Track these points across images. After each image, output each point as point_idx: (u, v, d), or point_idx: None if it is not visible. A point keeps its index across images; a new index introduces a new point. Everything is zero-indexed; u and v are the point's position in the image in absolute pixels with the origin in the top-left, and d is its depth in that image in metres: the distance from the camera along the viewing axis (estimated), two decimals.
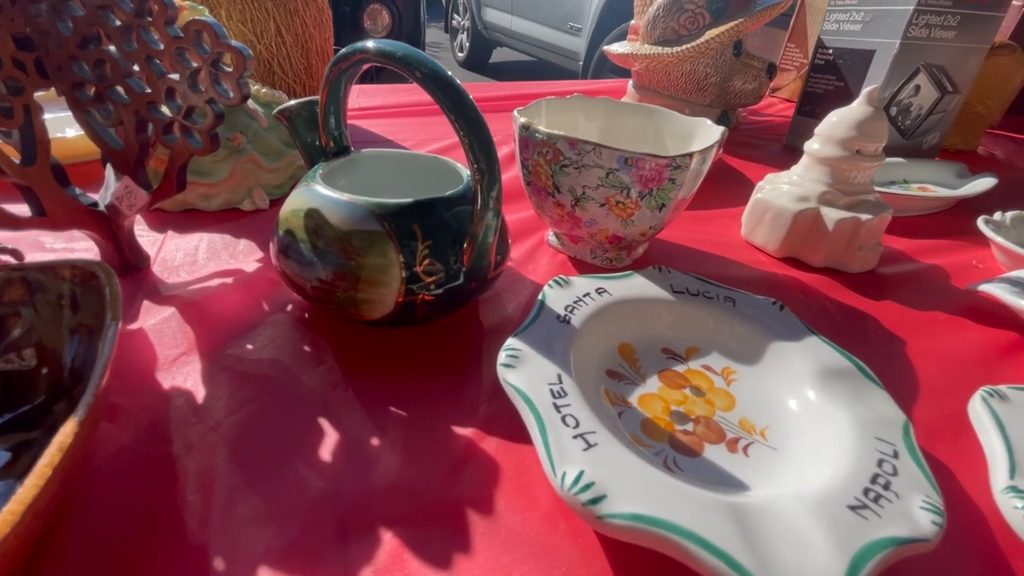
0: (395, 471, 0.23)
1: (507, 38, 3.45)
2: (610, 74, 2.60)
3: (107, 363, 0.21)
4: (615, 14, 2.58)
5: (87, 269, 0.26)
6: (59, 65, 0.29)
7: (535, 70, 3.80)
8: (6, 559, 0.15)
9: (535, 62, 3.55)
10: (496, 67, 3.89)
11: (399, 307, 0.28)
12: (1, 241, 0.37)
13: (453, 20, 3.96)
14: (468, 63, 3.84)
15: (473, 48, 3.76)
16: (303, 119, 0.34)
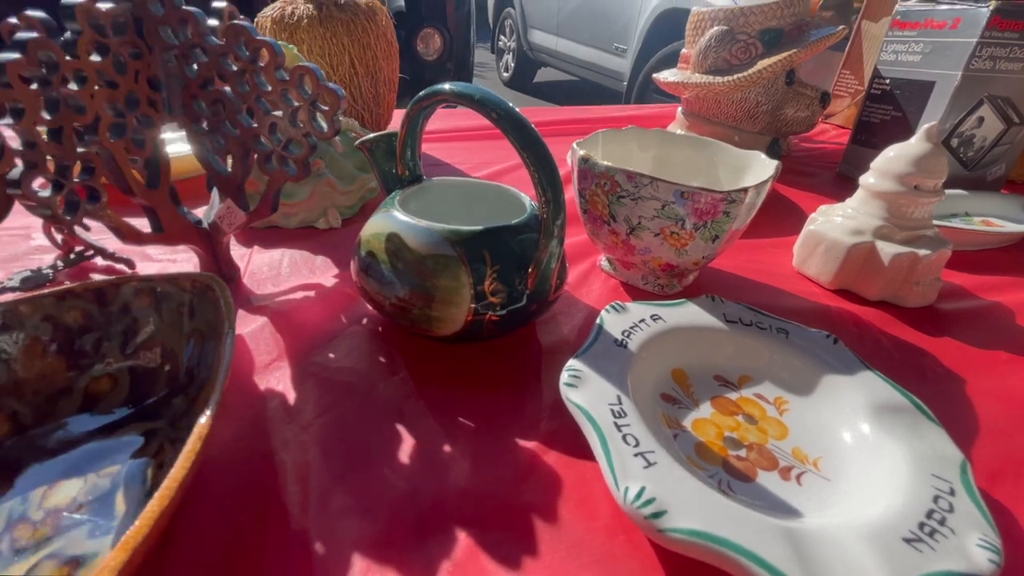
0: (466, 476, 0.25)
1: (552, 59, 3.52)
2: (655, 95, 2.61)
3: (228, 365, 0.24)
4: (661, 36, 2.59)
5: (204, 281, 0.30)
6: (183, 103, 0.34)
7: (579, 90, 3.85)
8: (158, 528, 0.18)
9: (578, 82, 3.60)
10: (540, 86, 3.96)
11: (467, 325, 0.31)
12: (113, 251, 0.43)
13: (499, 41, 4.07)
14: (513, 83, 3.93)
15: (518, 68, 3.85)
16: (382, 150, 0.38)
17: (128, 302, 0.29)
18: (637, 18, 2.78)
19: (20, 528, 0.22)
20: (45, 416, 0.27)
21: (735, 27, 0.68)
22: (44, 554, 0.21)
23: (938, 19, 0.58)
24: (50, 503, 0.23)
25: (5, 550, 0.21)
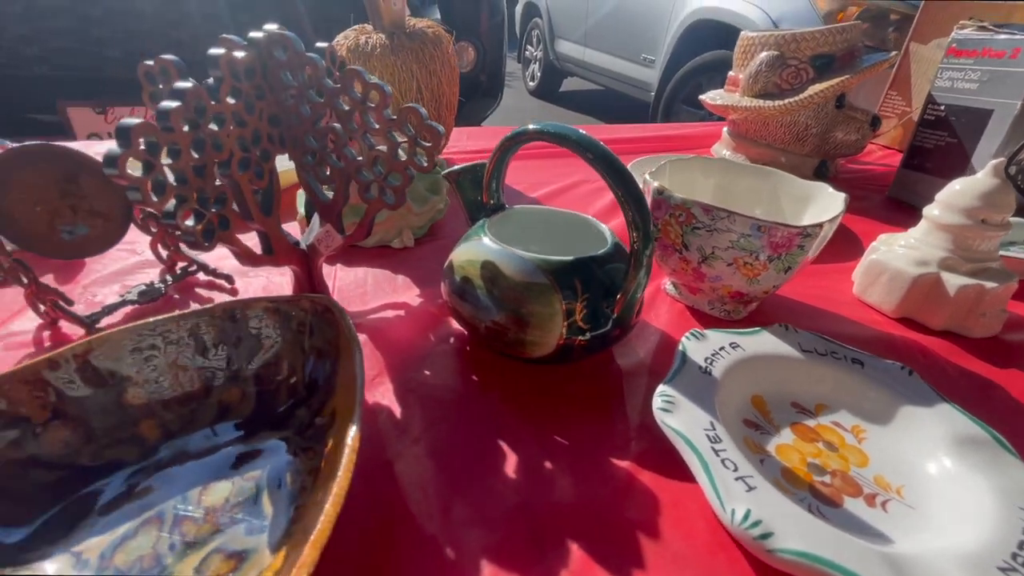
0: (569, 492, 0.27)
1: (578, 68, 3.55)
2: (682, 105, 2.62)
3: (363, 382, 0.27)
4: (690, 47, 2.60)
5: (322, 303, 0.32)
6: (295, 137, 0.37)
7: (605, 99, 3.86)
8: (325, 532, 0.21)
9: (604, 91, 3.62)
10: (566, 96, 3.99)
11: (558, 349, 0.33)
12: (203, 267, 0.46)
13: (526, 51, 4.12)
14: (538, 92, 3.97)
15: (544, 78, 3.89)
16: (467, 180, 0.40)
17: (256, 321, 0.32)
18: (666, 29, 2.79)
19: (186, 524, 0.25)
20: (187, 424, 0.30)
21: (786, 52, 0.69)
22: (211, 548, 0.24)
23: (996, 48, 0.59)
24: (207, 502, 0.26)
25: (177, 543, 0.24)
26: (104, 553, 0.24)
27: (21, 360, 0.36)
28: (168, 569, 0.23)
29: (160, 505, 0.26)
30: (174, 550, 0.24)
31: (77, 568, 0.23)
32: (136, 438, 0.29)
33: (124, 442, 0.29)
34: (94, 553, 0.24)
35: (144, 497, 0.26)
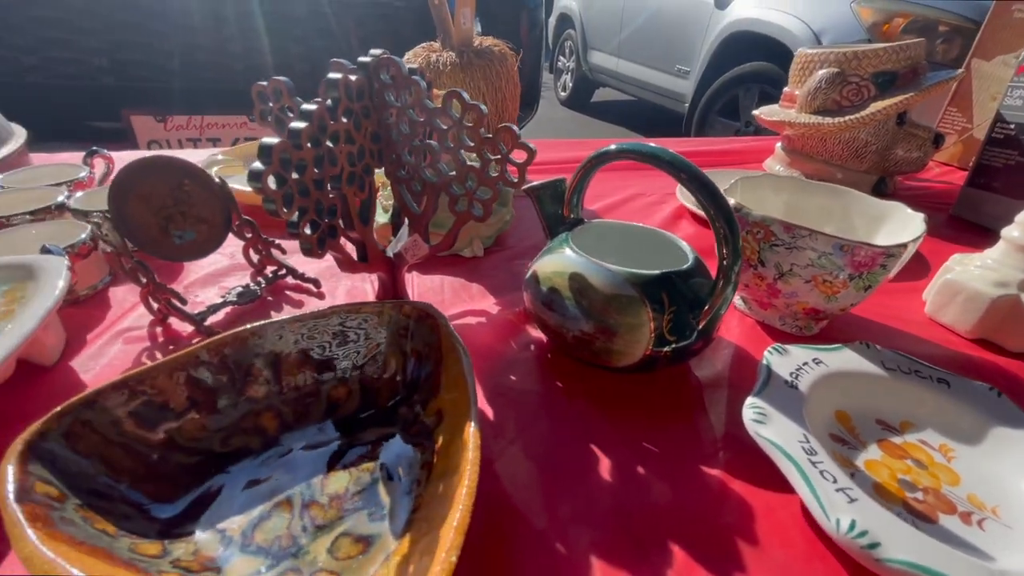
0: (665, 496, 0.29)
1: (611, 79, 3.56)
2: (717, 117, 2.60)
3: (474, 384, 0.29)
4: (726, 59, 2.59)
5: (423, 309, 0.35)
6: (394, 153, 0.40)
7: (637, 110, 3.86)
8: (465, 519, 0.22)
9: (636, 102, 3.62)
10: (598, 106, 4.00)
11: (644, 359, 0.34)
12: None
13: (558, 62, 4.15)
14: (570, 102, 4.00)
15: (576, 88, 3.92)
16: (547, 195, 0.42)
17: (362, 324, 0.35)
18: (702, 40, 2.78)
19: (314, 508, 0.27)
20: (301, 417, 0.33)
21: (847, 69, 0.69)
22: (339, 531, 0.26)
23: None
24: (330, 490, 0.28)
25: (308, 525, 0.27)
26: (245, 531, 0.26)
27: (139, 354, 0.40)
28: (304, 548, 0.25)
29: (288, 490, 0.28)
30: (306, 532, 0.26)
31: (223, 544, 0.26)
32: (258, 428, 0.31)
33: (248, 431, 0.31)
34: (236, 531, 0.26)
35: (272, 483, 0.29)
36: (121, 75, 1.75)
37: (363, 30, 1.92)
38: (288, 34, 1.81)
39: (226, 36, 1.78)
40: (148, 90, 1.77)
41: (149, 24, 1.72)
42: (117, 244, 0.41)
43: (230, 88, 1.81)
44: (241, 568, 0.24)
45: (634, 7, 3.26)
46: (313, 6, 1.82)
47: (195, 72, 1.77)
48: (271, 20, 1.79)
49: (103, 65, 1.72)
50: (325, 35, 1.87)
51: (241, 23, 1.77)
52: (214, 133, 1.76)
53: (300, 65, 1.87)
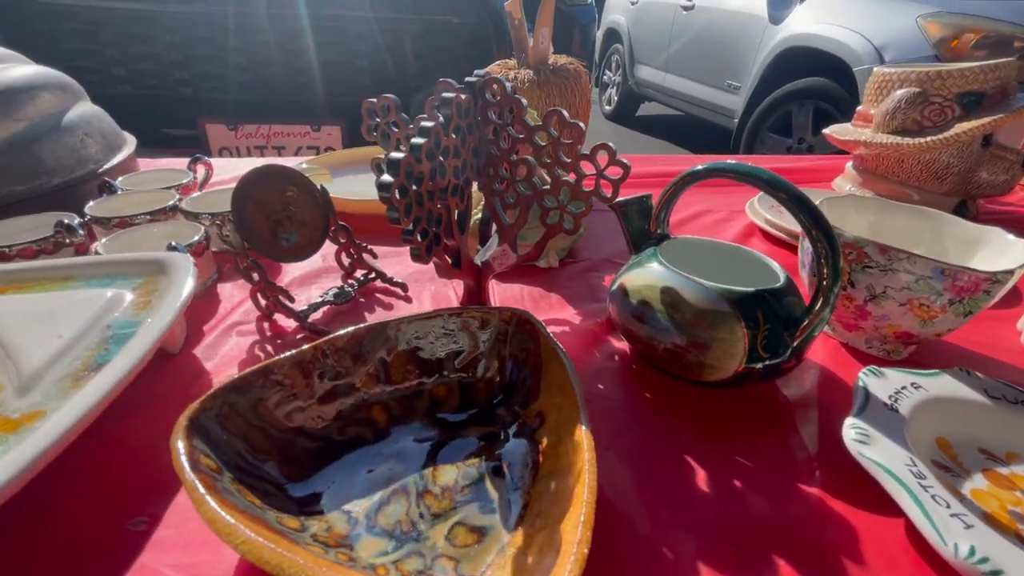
0: (763, 510, 0.29)
1: (658, 93, 3.55)
2: (768, 133, 2.55)
3: (581, 389, 0.30)
4: (780, 74, 2.53)
5: (521, 316, 0.36)
6: (491, 167, 0.42)
7: (683, 124, 3.83)
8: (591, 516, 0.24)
9: (683, 116, 3.59)
10: (642, 120, 3.99)
11: (736, 375, 0.35)
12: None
13: (604, 76, 4.17)
14: (614, 116, 4.00)
15: (621, 102, 3.92)
16: (634, 210, 0.44)
17: (464, 327, 0.37)
18: (755, 56, 2.74)
19: (428, 498, 0.29)
20: (407, 412, 0.35)
21: (929, 89, 0.68)
22: (454, 520, 0.28)
23: None
24: (440, 482, 0.30)
25: (425, 513, 0.28)
26: (368, 514, 0.28)
27: (251, 346, 0.43)
28: (424, 534, 0.27)
29: (403, 479, 0.30)
30: (424, 519, 0.28)
31: (350, 524, 0.28)
32: (370, 420, 0.34)
33: (362, 423, 0.34)
34: (361, 513, 0.28)
35: (386, 471, 0.31)
36: (198, 86, 1.88)
37: (419, 45, 2.00)
38: (349, 49, 1.90)
39: (293, 51, 1.89)
40: (221, 100, 1.90)
41: (225, 40, 1.84)
42: (236, 244, 0.45)
43: (295, 100, 1.92)
44: (370, 547, 0.26)
45: (684, 22, 3.24)
46: (372, 24, 1.91)
47: (264, 84, 1.88)
48: (334, 36, 1.89)
49: (184, 77, 1.86)
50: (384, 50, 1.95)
51: (306, 39, 1.87)
52: (279, 141, 1.87)
53: (359, 78, 1.96)
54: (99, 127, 0.69)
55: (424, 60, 2.00)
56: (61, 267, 0.43)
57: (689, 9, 3.21)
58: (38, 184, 0.58)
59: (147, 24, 1.79)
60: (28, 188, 0.57)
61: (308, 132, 1.88)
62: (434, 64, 1.98)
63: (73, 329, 0.36)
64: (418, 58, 2.01)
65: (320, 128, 1.88)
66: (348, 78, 1.95)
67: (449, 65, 1.98)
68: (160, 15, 1.77)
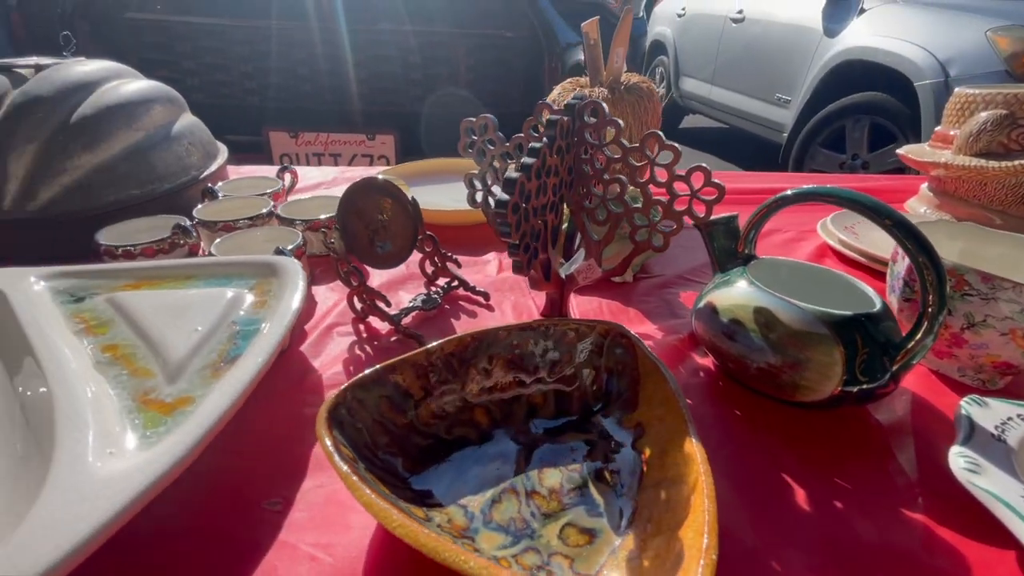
0: (870, 532, 0.29)
1: (703, 106, 3.51)
2: (819, 148, 2.49)
3: (686, 403, 0.31)
4: (834, 88, 2.47)
5: (617, 330, 0.38)
6: (583, 185, 0.44)
7: (728, 138, 3.77)
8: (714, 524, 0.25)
9: (727, 129, 3.54)
10: (686, 133, 3.94)
11: (832, 397, 0.35)
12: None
13: None
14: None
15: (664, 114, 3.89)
16: (721, 230, 0.45)
17: (560, 337, 0.39)
18: (807, 68, 2.68)
19: (537, 498, 0.31)
20: (507, 417, 0.37)
21: (1017, 112, 0.66)
22: (565, 521, 0.30)
23: None
24: (547, 484, 0.32)
25: (536, 512, 0.30)
26: (483, 509, 0.30)
27: (351, 345, 0.46)
28: (537, 532, 0.29)
29: (511, 479, 0.32)
30: (535, 517, 0.30)
31: (467, 518, 0.30)
32: (474, 422, 0.36)
33: (467, 424, 0.36)
34: (476, 508, 0.30)
35: (493, 470, 0.33)
36: (264, 95, 1.99)
37: (472, 58, 2.05)
38: (406, 62, 1.97)
39: (352, 63, 1.97)
40: (283, 109, 2.00)
41: (290, 53, 1.94)
42: (340, 251, 0.48)
43: (351, 109, 2.00)
44: (489, 540, 0.28)
45: (733, 34, 3.21)
46: (427, 37, 1.97)
47: (323, 95, 1.97)
48: (391, 50, 1.96)
49: (251, 87, 1.97)
50: (438, 63, 2.01)
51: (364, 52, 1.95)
52: (336, 149, 1.95)
53: (413, 90, 2.03)
54: (200, 136, 0.75)
55: (476, 73, 2.05)
56: (184, 266, 0.48)
57: (739, 21, 3.18)
58: (151, 189, 0.63)
59: (220, 38, 1.91)
60: (142, 193, 0.63)
61: (363, 141, 1.96)
62: (486, 77, 2.03)
63: (206, 324, 0.39)
64: (470, 71, 2.07)
65: (375, 137, 1.95)
66: (403, 90, 2.02)
67: (502, 78, 2.03)
68: (233, 29, 1.88)
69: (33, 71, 0.62)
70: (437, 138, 2.03)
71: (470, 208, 0.51)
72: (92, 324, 0.40)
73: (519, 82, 2.01)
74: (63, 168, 0.57)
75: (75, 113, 0.59)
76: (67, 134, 0.58)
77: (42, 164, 0.56)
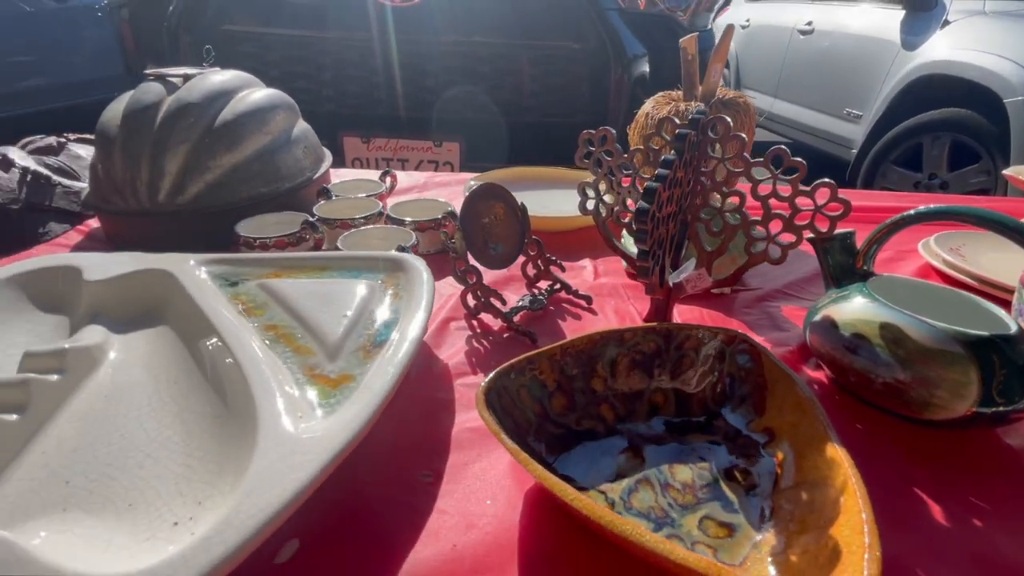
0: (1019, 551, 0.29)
1: (766, 120, 3.42)
2: (892, 166, 2.38)
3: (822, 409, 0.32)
4: (911, 104, 2.36)
5: (739, 337, 0.39)
6: (699, 196, 0.46)
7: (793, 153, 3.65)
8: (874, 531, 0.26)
9: (790, 144, 3.42)
10: None
11: (965, 417, 0.35)
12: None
13: None
14: None
15: None
16: (836, 246, 0.45)
17: (683, 342, 0.40)
18: (882, 83, 2.58)
19: (671, 491, 0.33)
20: (630, 414, 0.39)
21: None
22: (702, 514, 0.31)
23: None
24: (678, 479, 0.34)
25: (673, 503, 0.32)
26: (623, 496, 0.32)
27: (468, 339, 0.49)
28: (677, 521, 0.31)
29: (644, 471, 0.34)
30: (673, 508, 0.32)
31: (609, 503, 0.32)
32: (599, 416, 0.38)
33: (593, 417, 0.38)
34: (616, 495, 0.32)
35: (623, 462, 0.35)
36: (340, 103, 2.11)
37: (536, 69, 2.09)
38: (476, 72, 2.04)
39: (423, 73, 2.06)
40: (356, 116, 2.11)
41: (366, 62, 2.05)
42: (461, 250, 0.52)
43: (420, 116, 2.08)
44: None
45: (800, 46, 3.13)
46: (494, 49, 2.03)
47: (394, 102, 2.07)
48: (462, 60, 2.03)
49: (329, 94, 2.09)
50: (503, 74, 2.07)
51: (435, 63, 2.03)
52: (404, 155, 2.04)
53: (479, 99, 2.09)
54: (311, 141, 0.81)
55: (539, 83, 2.10)
56: (320, 259, 0.52)
57: (807, 33, 3.10)
58: (275, 187, 0.70)
59: (305, 48, 2.04)
60: (268, 191, 0.69)
61: (430, 147, 2.04)
62: (550, 88, 2.07)
63: (352, 310, 0.43)
64: (534, 81, 2.11)
65: (441, 144, 2.02)
66: (469, 98, 2.09)
67: (566, 89, 2.06)
68: (318, 40, 2.01)
69: (182, 80, 0.69)
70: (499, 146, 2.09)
71: (563, 215, 0.54)
72: (250, 306, 0.45)
73: (583, 93, 2.03)
74: (207, 167, 0.64)
75: (218, 118, 0.66)
76: (212, 136, 0.64)
77: (191, 163, 0.63)
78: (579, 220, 0.68)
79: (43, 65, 2.96)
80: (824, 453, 0.30)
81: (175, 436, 0.35)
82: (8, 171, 0.67)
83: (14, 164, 0.68)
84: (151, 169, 0.62)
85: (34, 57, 2.91)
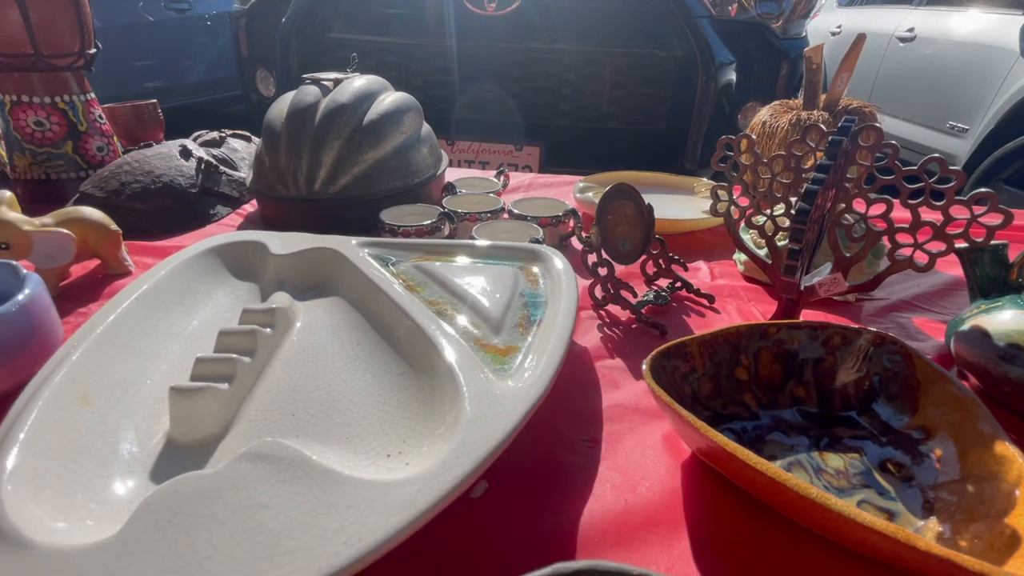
0: None
1: None
2: (1003, 184, 2.19)
3: (988, 412, 0.33)
4: None
5: (887, 338, 0.40)
6: (844, 201, 0.47)
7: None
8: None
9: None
10: None
11: None
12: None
13: None
14: None
15: None
16: (987, 257, 0.45)
17: (827, 339, 0.42)
18: (993, 95, 2.39)
19: (824, 475, 0.35)
20: (771, 404, 0.41)
21: None
22: (859, 498, 0.33)
23: None
24: (831, 465, 0.35)
25: (829, 487, 0.34)
26: None
27: (597, 326, 0.53)
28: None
29: (795, 454, 0.36)
30: (830, 490, 0.34)
31: None
32: (743, 403, 0.40)
33: (737, 404, 0.40)
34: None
35: (772, 446, 0.37)
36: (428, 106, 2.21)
37: (620, 76, 2.11)
38: (559, 79, 2.09)
39: (508, 78, 2.13)
40: (443, 119, 2.21)
41: (454, 67, 2.15)
42: (596, 244, 0.55)
43: (503, 121, 2.16)
44: None
45: (899, 55, 2.95)
46: (579, 56, 2.07)
47: (481, 107, 2.15)
48: (547, 67, 2.08)
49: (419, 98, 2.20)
50: (585, 80, 2.10)
51: (522, 69, 2.10)
52: (484, 157, 2.11)
53: (562, 105, 2.14)
54: (434, 141, 0.88)
55: (622, 90, 2.11)
56: (461, 246, 0.58)
57: (908, 40, 2.91)
58: (407, 182, 0.77)
59: (398, 53, 2.17)
60: (402, 184, 0.76)
61: (511, 151, 2.10)
62: (633, 95, 2.07)
63: (503, 291, 0.48)
64: (616, 88, 2.12)
65: (522, 148, 2.08)
66: (551, 104, 2.13)
67: (649, 96, 2.06)
68: (411, 47, 2.13)
69: (332, 84, 0.78)
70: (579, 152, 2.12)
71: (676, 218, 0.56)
72: (411, 284, 0.51)
73: (666, 100, 2.03)
74: (355, 161, 0.72)
75: (365, 118, 0.74)
76: (360, 134, 0.72)
77: (343, 157, 0.71)
78: (696, 223, 0.71)
79: (163, 68, 3.31)
80: (992, 450, 0.31)
81: (367, 388, 0.41)
82: (188, 160, 0.78)
83: (192, 154, 0.79)
84: (310, 161, 0.70)
85: (155, 61, 3.26)
